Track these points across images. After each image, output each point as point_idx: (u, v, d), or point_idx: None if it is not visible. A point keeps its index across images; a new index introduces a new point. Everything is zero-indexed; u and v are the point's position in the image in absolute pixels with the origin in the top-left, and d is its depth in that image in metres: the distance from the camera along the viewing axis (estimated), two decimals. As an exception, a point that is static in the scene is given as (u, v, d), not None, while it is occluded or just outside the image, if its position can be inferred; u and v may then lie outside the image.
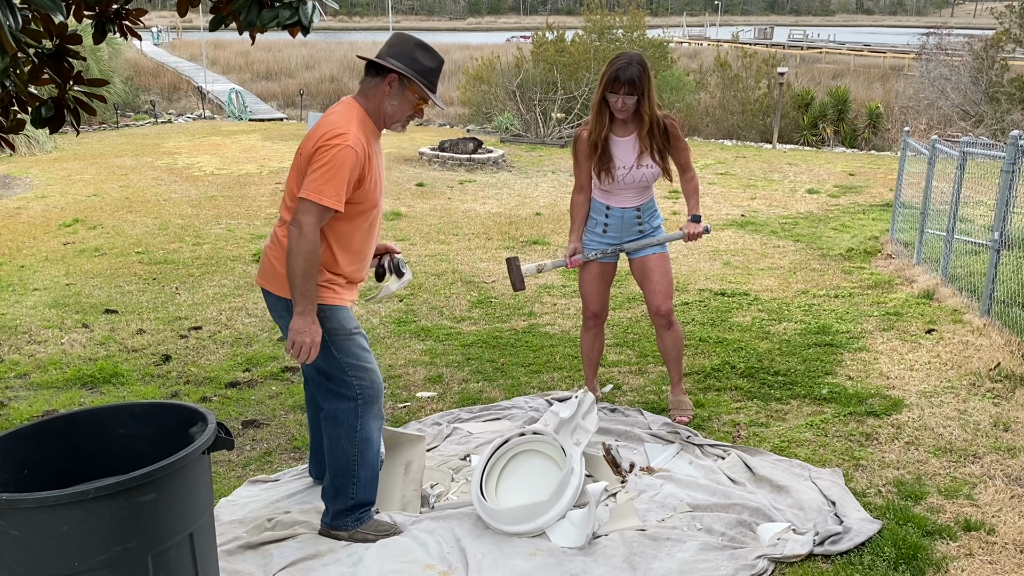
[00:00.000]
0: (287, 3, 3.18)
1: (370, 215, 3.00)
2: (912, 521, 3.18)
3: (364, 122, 2.93)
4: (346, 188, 2.81)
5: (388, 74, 2.92)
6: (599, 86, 3.84)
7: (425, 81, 2.95)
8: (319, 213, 2.78)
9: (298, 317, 2.82)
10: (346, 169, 2.79)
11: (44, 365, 5.10)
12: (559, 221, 9.68)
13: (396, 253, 3.40)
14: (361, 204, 2.93)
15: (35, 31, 3.24)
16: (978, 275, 6.28)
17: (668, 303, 4.10)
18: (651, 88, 3.82)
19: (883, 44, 48.37)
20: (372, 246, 3.12)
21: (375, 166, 2.94)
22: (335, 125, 2.85)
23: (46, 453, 2.34)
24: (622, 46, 20.26)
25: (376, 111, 2.97)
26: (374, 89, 2.95)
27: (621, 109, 3.81)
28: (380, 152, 3.05)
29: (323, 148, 2.80)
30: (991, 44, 19.77)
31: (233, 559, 2.98)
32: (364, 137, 2.87)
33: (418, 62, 2.94)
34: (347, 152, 2.78)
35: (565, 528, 3.12)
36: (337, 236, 2.94)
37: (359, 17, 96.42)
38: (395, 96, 2.95)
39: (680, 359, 4.23)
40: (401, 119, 3.02)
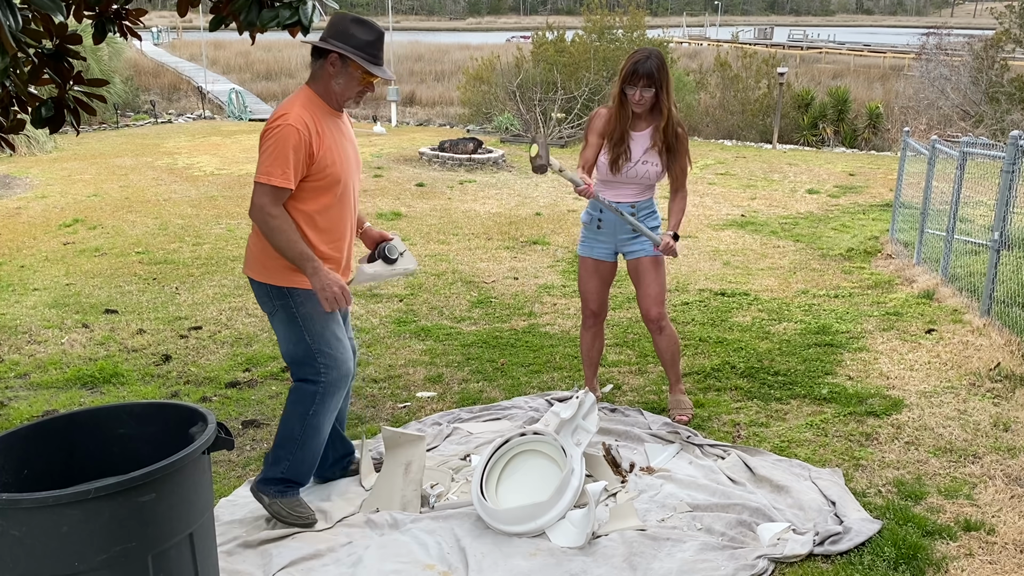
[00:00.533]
0: (287, 3, 3.18)
1: (335, 191, 3.05)
2: (912, 521, 3.18)
3: (312, 102, 3.00)
4: (294, 165, 2.89)
5: (329, 54, 2.97)
6: (618, 80, 3.88)
7: (365, 55, 2.98)
8: (271, 193, 2.89)
9: (314, 278, 2.95)
10: (288, 147, 2.87)
11: (44, 365, 5.10)
12: (559, 221, 9.68)
13: (389, 240, 3.43)
14: (320, 179, 2.99)
15: (35, 31, 3.24)
16: (978, 275, 6.28)
17: (657, 308, 4.08)
18: (669, 82, 3.87)
19: (883, 44, 48.35)
20: (346, 223, 3.16)
21: (329, 142, 2.99)
22: (278, 111, 2.97)
23: (46, 453, 2.34)
24: (622, 46, 20.27)
25: (326, 92, 3.03)
26: (320, 71, 3.01)
27: (639, 102, 3.84)
28: (342, 130, 3.12)
29: (266, 132, 2.92)
30: (991, 44, 19.76)
31: (233, 559, 2.98)
32: (310, 115, 2.94)
33: (355, 38, 2.97)
34: (287, 131, 2.87)
35: (565, 528, 3.12)
36: (306, 216, 3.01)
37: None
38: (340, 75, 3.00)
39: (677, 361, 4.22)
40: (351, 95, 3.06)
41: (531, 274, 7.31)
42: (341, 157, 3.05)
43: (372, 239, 3.46)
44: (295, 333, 3.06)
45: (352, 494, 3.45)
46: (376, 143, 16.96)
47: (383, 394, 4.65)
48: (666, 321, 4.12)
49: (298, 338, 3.06)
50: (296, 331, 3.06)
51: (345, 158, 3.08)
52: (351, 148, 3.16)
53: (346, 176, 3.09)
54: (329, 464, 3.53)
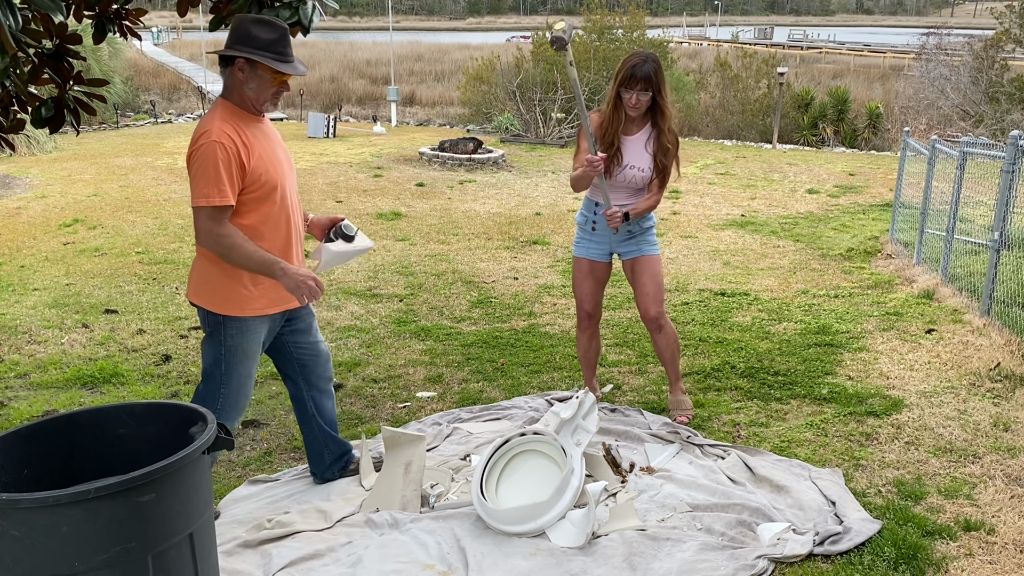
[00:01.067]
0: (287, 3, 3.18)
1: (274, 198, 3.00)
2: (912, 521, 3.18)
3: (230, 114, 2.93)
4: (229, 181, 2.83)
5: (235, 61, 2.91)
6: (613, 83, 3.87)
7: (271, 55, 2.90)
8: (213, 214, 2.83)
9: (284, 280, 2.91)
10: (217, 163, 2.81)
11: (44, 365, 5.10)
12: (559, 221, 9.68)
13: (341, 221, 3.37)
14: (257, 189, 2.94)
15: (35, 31, 3.24)
16: (978, 275, 6.28)
17: (656, 307, 4.07)
18: (665, 85, 3.86)
19: (883, 44, 48.34)
20: (291, 226, 3.11)
21: (259, 150, 2.95)
22: (198, 129, 2.90)
23: (46, 453, 2.34)
24: (622, 46, 20.26)
25: (241, 100, 2.96)
26: (231, 80, 2.95)
27: (635, 106, 3.82)
28: (268, 134, 3.06)
29: (191, 155, 2.87)
30: (991, 44, 19.75)
31: (233, 559, 2.98)
32: (232, 128, 2.88)
33: (258, 39, 2.89)
34: (211, 148, 2.81)
35: (565, 528, 3.12)
36: (250, 229, 2.95)
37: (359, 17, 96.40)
38: (250, 79, 2.92)
39: (676, 359, 4.21)
40: (266, 98, 2.98)
41: (531, 274, 7.31)
42: (273, 162, 3.00)
43: (323, 226, 3.38)
44: (217, 356, 3.06)
45: (352, 494, 3.45)
46: (376, 143, 16.96)
47: (383, 394, 4.65)
48: (665, 320, 4.11)
49: (216, 359, 3.06)
50: (218, 356, 3.05)
51: (277, 162, 3.03)
52: (280, 151, 3.11)
53: (281, 180, 3.04)
54: (327, 465, 3.54)
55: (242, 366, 3.10)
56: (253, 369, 3.17)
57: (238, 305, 3.01)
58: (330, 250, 3.29)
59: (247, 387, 3.16)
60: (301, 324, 3.35)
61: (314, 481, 3.55)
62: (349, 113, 26.60)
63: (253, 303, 3.04)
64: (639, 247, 4.07)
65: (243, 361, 3.10)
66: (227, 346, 3.05)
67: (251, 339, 3.09)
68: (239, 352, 3.07)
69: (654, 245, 4.11)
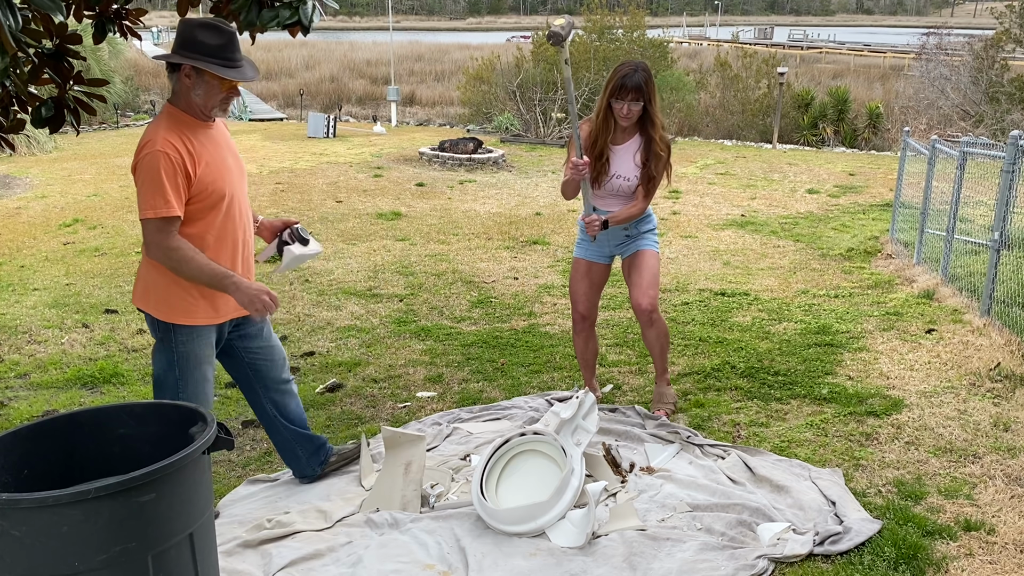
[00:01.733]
0: (287, 3, 3.18)
1: (221, 207, 2.96)
2: (912, 521, 3.18)
3: (176, 121, 2.88)
4: (174, 191, 2.78)
5: (182, 67, 2.85)
6: (603, 93, 3.84)
7: (218, 61, 2.84)
8: (161, 226, 2.79)
9: (237, 294, 2.88)
10: (162, 173, 2.76)
11: (44, 365, 5.10)
12: (559, 221, 9.68)
13: (295, 224, 3.36)
14: (205, 199, 2.90)
15: (35, 31, 3.24)
16: (978, 275, 6.28)
17: (649, 300, 4.03)
18: (656, 94, 3.85)
19: (883, 44, 48.36)
20: (239, 234, 3.07)
21: (207, 158, 2.90)
22: (143, 138, 2.85)
23: (46, 453, 2.34)
24: (622, 46, 20.27)
25: (188, 106, 2.91)
26: (178, 86, 2.90)
27: (626, 116, 3.81)
28: (217, 140, 3.01)
29: (137, 165, 2.82)
30: (991, 44, 19.76)
31: (233, 559, 2.98)
32: (177, 136, 2.83)
33: (203, 44, 2.83)
34: (155, 157, 2.76)
35: (565, 528, 3.12)
36: (196, 238, 2.91)
37: (359, 17, 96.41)
38: (197, 86, 2.87)
39: (665, 352, 4.20)
40: (214, 104, 2.93)
41: (531, 274, 7.31)
42: (222, 170, 2.96)
43: (275, 228, 3.33)
44: (168, 363, 3.02)
45: (352, 494, 3.45)
46: (376, 143, 16.96)
47: (383, 394, 4.65)
48: (657, 314, 4.07)
49: (169, 366, 3.02)
50: (170, 363, 3.01)
51: (227, 170, 2.99)
52: (230, 156, 3.06)
53: (231, 188, 2.99)
54: (304, 462, 3.52)
55: (197, 371, 3.04)
56: (209, 373, 3.10)
57: (185, 313, 2.96)
58: (292, 252, 3.30)
59: (205, 391, 3.09)
60: (252, 329, 3.27)
61: (298, 482, 3.55)
62: (349, 113, 26.62)
63: (201, 312, 2.99)
64: (637, 244, 4.08)
65: (197, 366, 3.04)
66: (178, 352, 3.00)
67: (202, 344, 3.04)
68: (191, 358, 3.02)
69: (654, 243, 4.11)
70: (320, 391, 4.66)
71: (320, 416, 4.33)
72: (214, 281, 2.86)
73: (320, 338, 5.60)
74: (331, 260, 7.75)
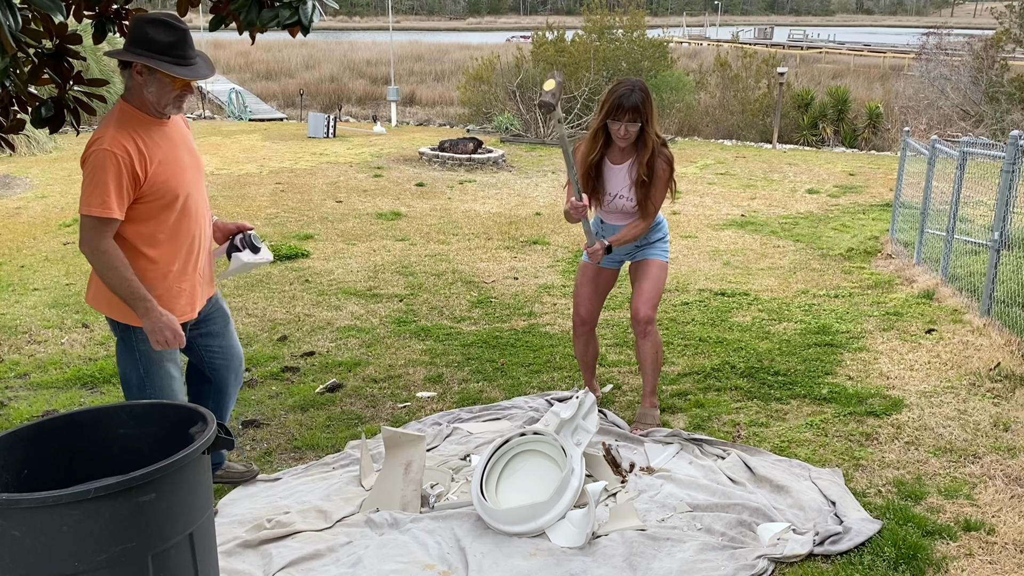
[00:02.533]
0: (287, 3, 3.18)
1: (175, 206, 2.92)
2: (912, 521, 3.18)
3: (129, 118, 2.83)
4: (116, 193, 2.74)
5: (134, 64, 2.81)
6: (599, 112, 3.78)
7: (170, 58, 2.79)
8: (95, 225, 2.74)
9: (146, 319, 2.85)
10: (108, 173, 2.72)
11: (44, 365, 5.10)
12: (559, 221, 9.68)
13: (248, 230, 3.33)
14: (158, 198, 2.85)
15: (35, 31, 3.24)
16: (978, 275, 6.28)
17: (647, 311, 3.99)
18: (654, 114, 3.77)
19: (883, 44, 48.35)
20: (195, 233, 3.04)
21: (160, 157, 2.85)
22: (94, 134, 2.80)
23: (46, 453, 2.34)
24: (622, 46, 20.27)
25: (141, 103, 2.86)
26: (130, 83, 2.85)
27: (624, 136, 3.75)
28: (173, 138, 2.95)
29: (84, 161, 2.78)
30: (991, 44, 19.77)
31: (233, 559, 2.98)
32: (128, 134, 2.78)
33: (154, 42, 2.78)
34: (101, 156, 2.72)
35: (565, 528, 3.12)
36: (148, 237, 2.88)
37: (359, 17, 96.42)
38: (149, 83, 2.82)
39: (657, 370, 4.11)
40: (168, 102, 2.88)
41: (531, 274, 7.31)
42: (176, 169, 2.91)
43: (227, 231, 3.31)
44: (131, 361, 3.01)
45: (352, 494, 3.45)
46: (376, 143, 16.96)
47: (383, 394, 4.65)
48: (653, 327, 4.03)
49: (133, 366, 3.01)
50: (133, 361, 3.00)
51: (181, 169, 2.94)
52: (187, 154, 3.00)
53: (185, 187, 2.94)
54: None
55: (160, 369, 3.03)
56: (174, 370, 3.09)
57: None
58: (240, 259, 3.28)
59: (172, 388, 3.09)
60: (213, 327, 3.26)
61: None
62: (349, 113, 26.62)
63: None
64: (645, 253, 4.07)
65: (160, 364, 3.03)
66: (139, 351, 2.98)
67: None
68: (153, 356, 3.00)
69: (663, 252, 4.09)
70: (320, 391, 4.66)
71: (320, 416, 4.34)
72: (129, 299, 2.83)
73: (320, 338, 5.60)
74: (331, 260, 7.75)
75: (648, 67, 20.20)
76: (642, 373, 4.15)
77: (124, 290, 2.81)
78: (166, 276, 2.97)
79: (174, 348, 2.91)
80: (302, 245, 8.17)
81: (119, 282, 2.79)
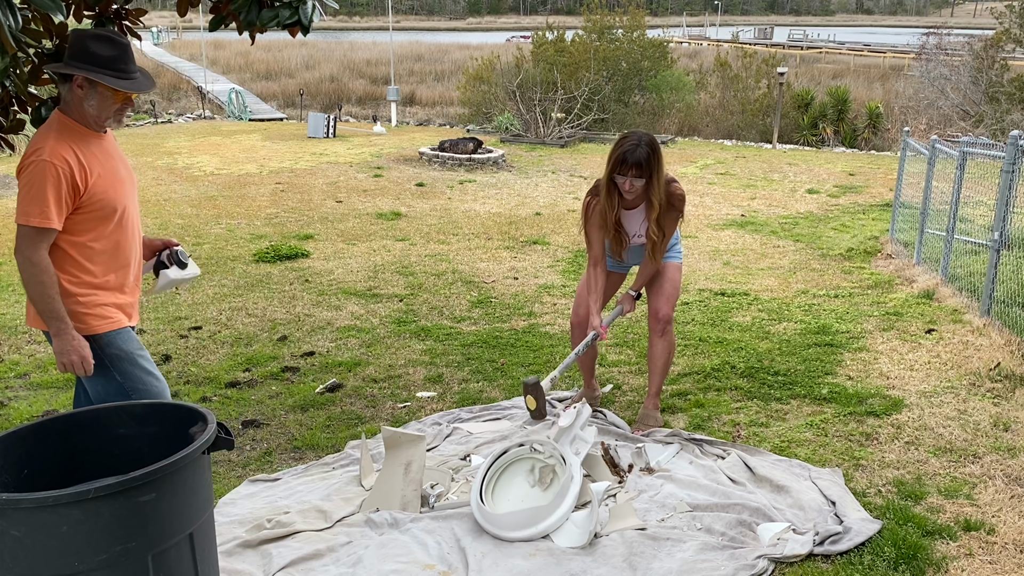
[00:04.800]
0: (287, 3, 3.18)
1: (112, 219, 2.90)
2: (912, 521, 3.18)
3: (67, 130, 2.81)
4: (55, 203, 2.72)
5: (74, 77, 2.78)
6: (607, 165, 3.77)
7: (111, 72, 2.78)
8: (32, 235, 2.73)
9: (56, 339, 2.81)
10: (47, 184, 2.70)
11: (44, 365, 5.10)
12: (559, 221, 9.68)
13: (175, 246, 3.32)
14: (95, 210, 2.84)
15: (35, 31, 3.24)
16: (978, 275, 6.28)
17: (669, 309, 4.05)
18: (661, 168, 3.75)
19: (883, 44, 48.34)
20: (131, 247, 3.03)
21: (99, 169, 2.84)
22: (31, 145, 2.78)
23: (46, 453, 2.34)
24: (622, 46, 20.28)
25: (81, 116, 2.84)
26: (70, 95, 2.82)
27: (629, 191, 3.75)
28: (109, 151, 2.94)
29: (21, 170, 2.75)
30: (991, 44, 19.78)
31: (233, 559, 2.98)
32: (67, 145, 2.76)
33: (96, 56, 2.77)
34: (41, 167, 2.70)
35: (567, 528, 3.12)
36: (83, 248, 2.86)
37: (359, 17, 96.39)
38: (90, 96, 2.80)
39: (665, 371, 4.13)
40: (108, 115, 2.86)
41: (531, 274, 7.31)
42: (114, 182, 2.90)
43: (154, 247, 3.30)
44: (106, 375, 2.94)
45: (352, 494, 3.45)
46: (376, 143, 16.96)
47: (383, 394, 4.65)
48: (671, 326, 4.08)
49: (109, 378, 2.95)
50: (105, 373, 2.93)
51: (119, 182, 2.93)
52: (122, 167, 3.00)
53: (122, 200, 2.93)
54: None
55: (135, 366, 2.99)
56: (148, 363, 3.05)
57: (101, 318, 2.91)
58: (167, 276, 3.28)
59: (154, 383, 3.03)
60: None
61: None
62: (349, 113, 26.62)
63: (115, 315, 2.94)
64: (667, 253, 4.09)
65: (133, 360, 2.98)
66: (107, 355, 2.92)
67: (124, 338, 2.98)
68: (123, 356, 2.95)
69: (678, 255, 4.12)
70: (320, 391, 4.66)
71: (320, 416, 4.34)
72: (48, 314, 2.79)
73: (320, 338, 5.60)
74: (331, 260, 7.75)
75: (648, 67, 20.22)
76: (650, 372, 4.16)
77: (44, 305, 2.78)
78: (100, 288, 2.93)
79: (79, 374, 2.87)
80: (302, 245, 8.18)
81: (41, 296, 2.77)
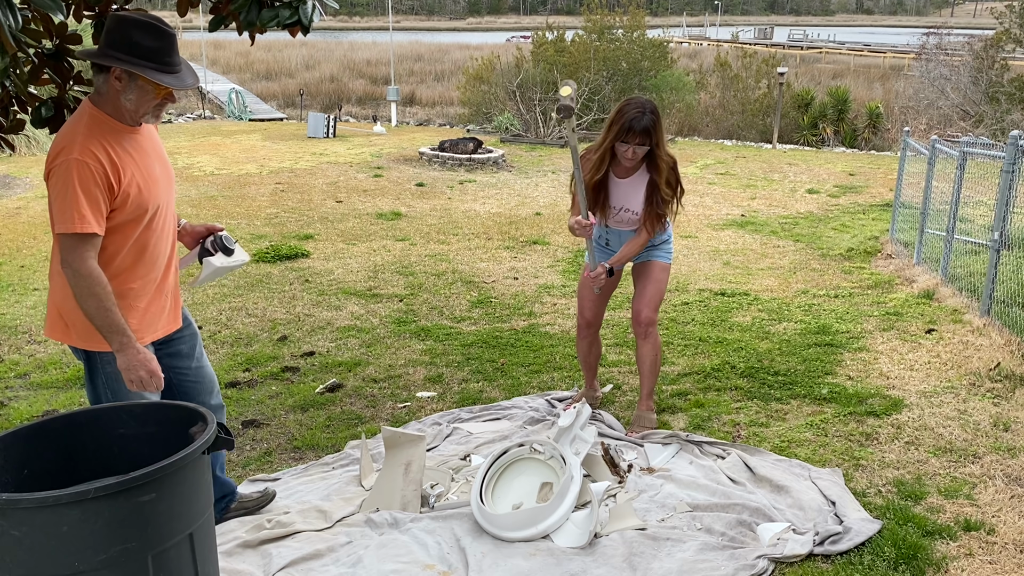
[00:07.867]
0: (287, 3, 3.18)
1: (143, 220, 2.68)
2: (912, 521, 3.18)
3: (99, 125, 2.57)
4: (96, 204, 2.50)
5: (112, 68, 2.54)
6: (608, 133, 3.73)
7: (154, 65, 2.55)
8: (75, 244, 2.49)
9: (120, 355, 2.61)
10: (80, 185, 2.47)
11: (44, 365, 5.10)
12: (559, 221, 9.68)
13: (219, 231, 3.13)
14: (127, 212, 2.61)
15: (35, 31, 3.24)
16: (978, 275, 6.28)
17: (649, 312, 4.02)
18: (663, 136, 3.76)
19: (883, 44, 48.36)
20: (162, 247, 2.81)
21: (132, 168, 2.62)
22: (57, 142, 2.55)
23: (46, 453, 2.34)
24: (622, 46, 20.27)
25: (115, 110, 2.60)
26: (105, 87, 2.58)
27: (631, 158, 3.74)
28: (144, 146, 2.71)
29: (51, 172, 2.52)
30: (991, 44, 19.78)
31: (233, 559, 2.98)
32: (99, 142, 2.53)
33: (139, 46, 2.53)
34: (70, 167, 2.47)
35: (568, 528, 3.12)
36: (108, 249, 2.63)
37: (359, 17, 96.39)
38: (128, 90, 2.57)
39: (655, 372, 4.12)
40: (147, 110, 2.63)
41: (531, 274, 7.31)
42: (148, 181, 2.68)
43: (197, 234, 3.09)
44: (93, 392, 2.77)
45: (352, 494, 3.45)
46: (376, 143, 16.96)
47: (383, 394, 4.65)
48: (654, 328, 4.05)
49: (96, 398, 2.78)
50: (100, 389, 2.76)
51: (153, 181, 2.70)
52: (158, 164, 2.76)
53: (155, 201, 2.71)
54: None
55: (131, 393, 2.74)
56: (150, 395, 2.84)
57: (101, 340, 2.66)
58: (212, 264, 3.09)
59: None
60: (183, 347, 3.00)
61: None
62: (349, 113, 26.61)
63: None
64: (649, 255, 4.07)
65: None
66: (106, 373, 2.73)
67: None
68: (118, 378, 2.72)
69: (667, 254, 4.10)
70: (320, 391, 4.66)
71: (320, 416, 4.34)
72: (106, 330, 2.57)
73: (320, 338, 5.60)
74: (331, 260, 7.75)
75: (648, 67, 20.20)
76: (640, 375, 4.15)
77: (101, 319, 2.56)
78: (124, 295, 2.70)
79: (150, 391, 2.64)
80: (302, 245, 8.18)
81: (97, 310, 2.54)
